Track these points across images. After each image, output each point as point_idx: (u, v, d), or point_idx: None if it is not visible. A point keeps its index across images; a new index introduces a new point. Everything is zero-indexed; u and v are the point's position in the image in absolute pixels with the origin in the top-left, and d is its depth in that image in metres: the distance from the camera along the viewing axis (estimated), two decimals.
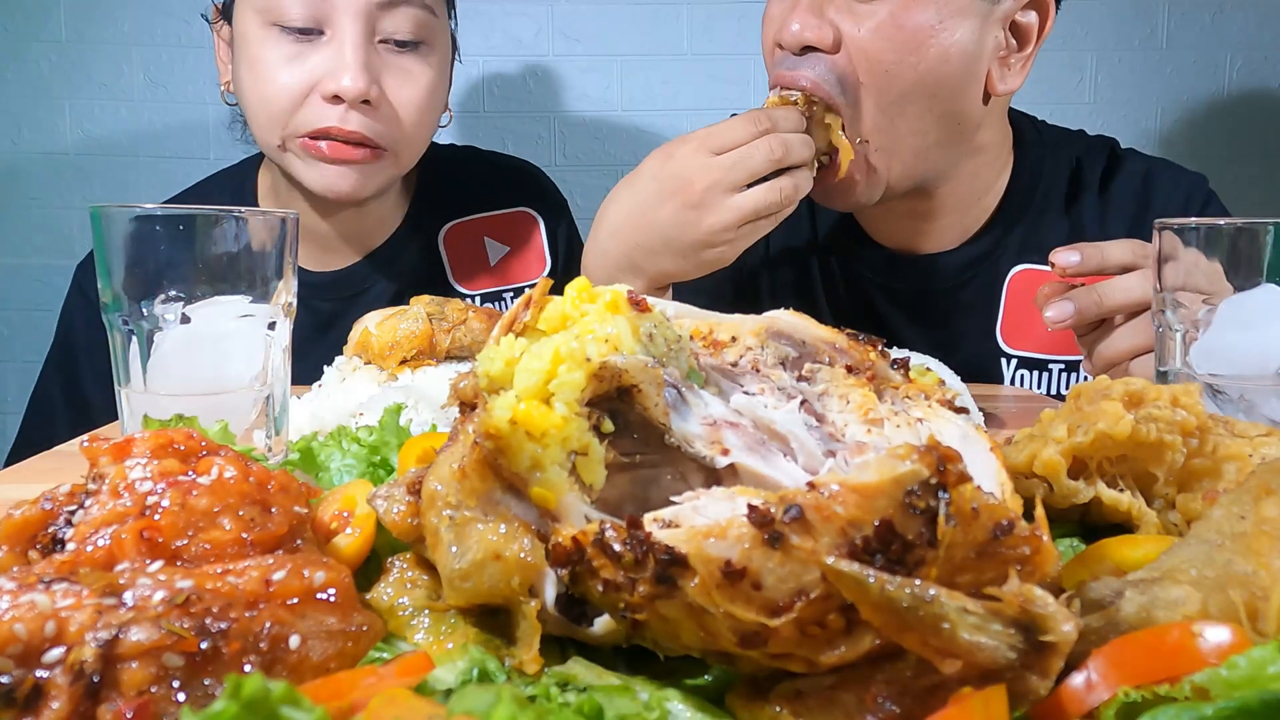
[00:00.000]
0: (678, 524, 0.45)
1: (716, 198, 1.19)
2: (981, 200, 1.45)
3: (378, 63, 1.36)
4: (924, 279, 1.49)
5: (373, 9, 1.34)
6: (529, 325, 0.56)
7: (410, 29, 1.37)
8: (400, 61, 1.38)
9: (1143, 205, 1.45)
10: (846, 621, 0.41)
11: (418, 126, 1.42)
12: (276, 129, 1.37)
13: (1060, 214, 1.46)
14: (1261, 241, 0.85)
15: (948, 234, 1.47)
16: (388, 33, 1.36)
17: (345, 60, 1.32)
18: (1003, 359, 1.48)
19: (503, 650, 0.48)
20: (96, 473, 0.53)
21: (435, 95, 1.43)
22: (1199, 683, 0.38)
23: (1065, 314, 1.09)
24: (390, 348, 1.04)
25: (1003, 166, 1.46)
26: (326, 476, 0.73)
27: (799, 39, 1.24)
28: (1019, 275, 1.46)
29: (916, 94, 1.25)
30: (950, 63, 1.24)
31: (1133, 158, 1.50)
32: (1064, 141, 1.52)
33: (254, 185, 1.60)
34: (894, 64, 1.23)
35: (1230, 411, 0.84)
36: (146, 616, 0.41)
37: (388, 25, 1.36)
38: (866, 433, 0.56)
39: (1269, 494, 0.47)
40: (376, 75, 1.35)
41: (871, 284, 1.53)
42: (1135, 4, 2.44)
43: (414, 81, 1.39)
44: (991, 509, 0.41)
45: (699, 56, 2.48)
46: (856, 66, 1.23)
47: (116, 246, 0.80)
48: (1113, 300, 1.08)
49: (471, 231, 1.65)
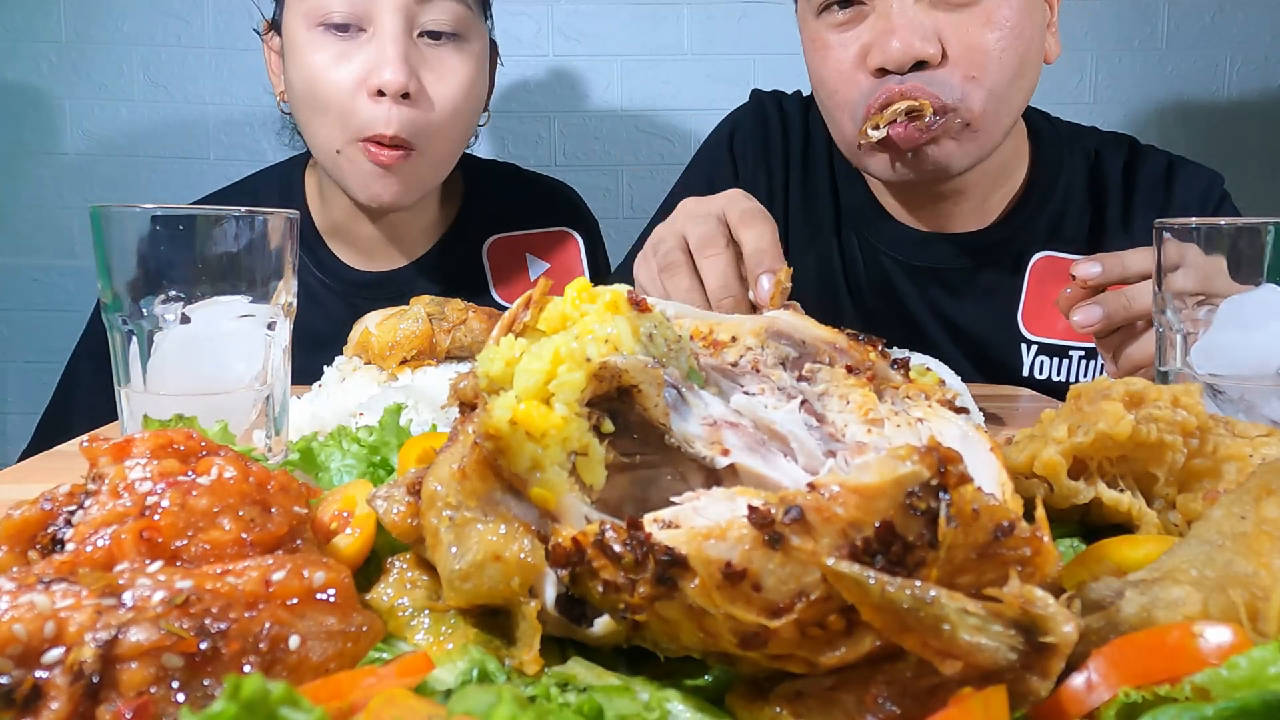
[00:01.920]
0: (678, 525, 0.45)
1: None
2: (1002, 186, 1.47)
3: (416, 56, 1.38)
4: (946, 258, 1.50)
5: (410, 3, 1.36)
6: (529, 325, 0.56)
7: (448, 21, 1.39)
8: (438, 54, 1.40)
9: (1166, 198, 1.47)
10: (847, 622, 0.41)
11: (453, 120, 1.43)
12: (336, 132, 1.39)
13: (1083, 204, 1.48)
14: (1262, 241, 0.85)
15: (970, 217, 1.48)
16: (426, 25, 1.38)
17: (386, 55, 1.34)
18: (1023, 345, 1.48)
19: (503, 651, 0.48)
20: (96, 473, 0.53)
21: (472, 90, 1.45)
22: (1199, 683, 0.38)
23: (1094, 318, 1.09)
24: (390, 348, 1.04)
25: (1021, 153, 1.48)
26: (326, 477, 0.73)
27: (911, 54, 1.23)
28: (1041, 261, 1.47)
29: (1018, 74, 1.29)
30: (1035, 41, 1.30)
31: (1153, 152, 1.52)
32: (1080, 135, 1.54)
33: (301, 185, 1.63)
34: (1003, 51, 1.26)
35: (1230, 412, 0.84)
36: (146, 617, 0.41)
37: (425, 18, 1.38)
38: (867, 433, 0.56)
39: (1269, 494, 0.47)
40: (416, 68, 1.37)
41: (893, 262, 1.53)
42: (1135, 4, 2.44)
43: (451, 74, 1.41)
44: (992, 510, 0.41)
45: (699, 56, 2.48)
46: (969, 63, 1.25)
47: (116, 246, 0.80)
48: (1143, 304, 1.08)
49: (515, 246, 1.69)
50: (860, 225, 1.55)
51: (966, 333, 1.49)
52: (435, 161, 1.46)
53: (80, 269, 2.53)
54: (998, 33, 1.25)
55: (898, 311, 1.53)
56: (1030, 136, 1.50)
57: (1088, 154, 1.51)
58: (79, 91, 2.47)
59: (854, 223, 1.55)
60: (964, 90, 1.25)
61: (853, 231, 1.56)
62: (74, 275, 2.53)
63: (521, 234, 1.69)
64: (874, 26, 1.27)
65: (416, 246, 1.62)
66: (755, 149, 1.61)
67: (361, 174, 1.40)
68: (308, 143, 1.47)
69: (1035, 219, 1.47)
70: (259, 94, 2.49)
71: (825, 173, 1.57)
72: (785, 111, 1.63)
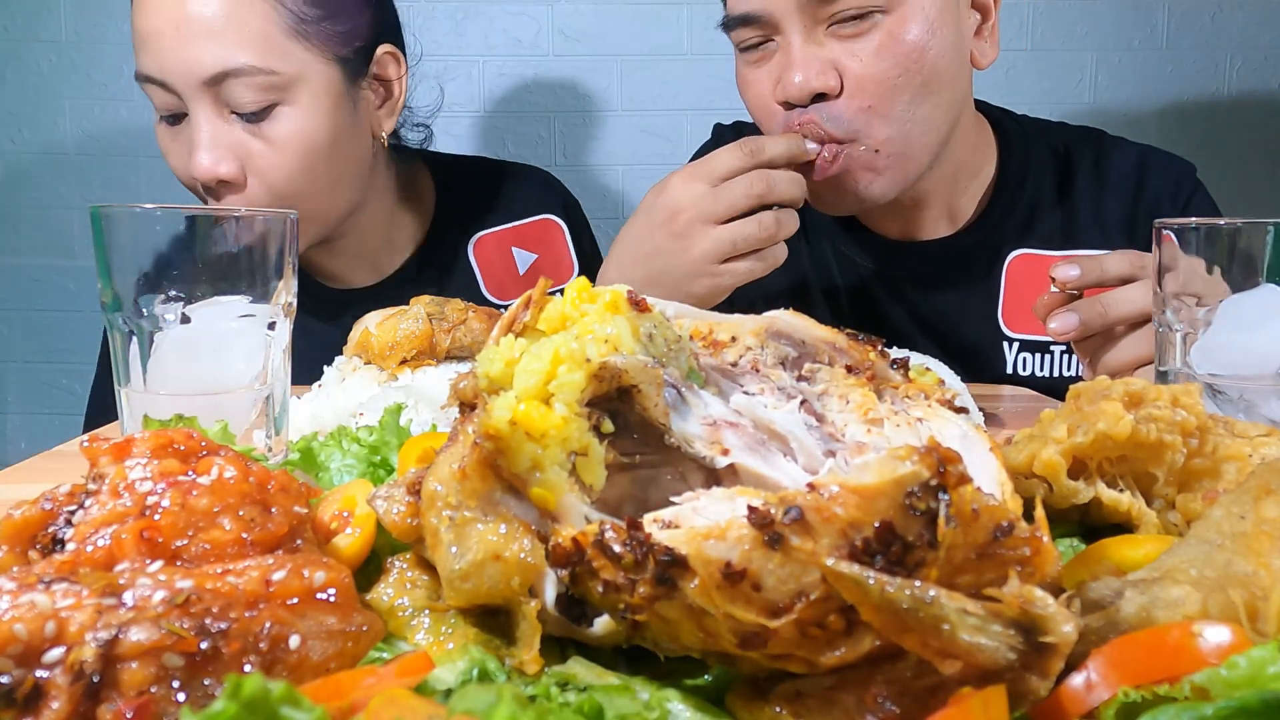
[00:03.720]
0: (677, 525, 0.45)
1: (698, 228, 1.21)
2: (967, 187, 1.47)
3: (234, 137, 1.32)
4: (921, 264, 1.50)
5: (204, 87, 1.29)
6: (529, 325, 0.56)
7: (249, 98, 1.31)
8: (257, 130, 1.33)
9: (1138, 189, 1.47)
10: (846, 622, 0.41)
11: (303, 182, 1.37)
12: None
13: (1053, 200, 1.48)
14: (1261, 241, 0.85)
15: (940, 222, 1.49)
16: (233, 107, 1.31)
17: (194, 142, 1.31)
18: (1005, 343, 1.49)
19: (503, 650, 0.48)
20: (96, 473, 0.53)
21: (310, 147, 1.36)
22: (1199, 683, 0.38)
23: (1070, 326, 1.10)
24: (390, 348, 1.04)
25: (983, 153, 1.48)
26: (326, 476, 0.73)
27: (807, 89, 1.25)
28: (1017, 260, 1.48)
29: (923, 96, 1.27)
30: (945, 57, 1.28)
31: (1123, 144, 1.52)
32: (1046, 131, 1.55)
33: None
34: (899, 77, 1.25)
35: (1230, 412, 0.84)
36: (146, 616, 0.41)
37: (229, 99, 1.31)
38: (866, 432, 0.56)
39: (1269, 494, 0.47)
40: (235, 150, 1.32)
41: (869, 271, 1.54)
42: (1135, 4, 2.44)
43: (278, 146, 1.34)
44: (991, 510, 0.41)
45: (699, 56, 2.48)
46: (864, 93, 1.25)
47: (116, 246, 0.80)
48: (1118, 311, 1.09)
49: (500, 243, 1.66)
50: (834, 236, 1.56)
51: (947, 335, 1.50)
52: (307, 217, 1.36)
53: (80, 269, 2.53)
54: (890, 60, 1.24)
55: (877, 318, 1.54)
56: (997, 136, 1.50)
57: (1055, 149, 1.51)
58: (79, 91, 2.47)
59: (827, 233, 1.56)
60: (863, 120, 1.26)
61: (827, 242, 1.57)
62: (74, 275, 2.53)
63: (504, 229, 1.65)
64: (780, 61, 1.28)
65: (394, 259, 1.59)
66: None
67: None
68: None
69: (1007, 218, 1.47)
70: None
71: None
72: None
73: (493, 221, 1.65)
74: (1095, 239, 1.46)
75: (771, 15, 1.26)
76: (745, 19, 1.29)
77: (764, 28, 1.28)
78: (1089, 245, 1.45)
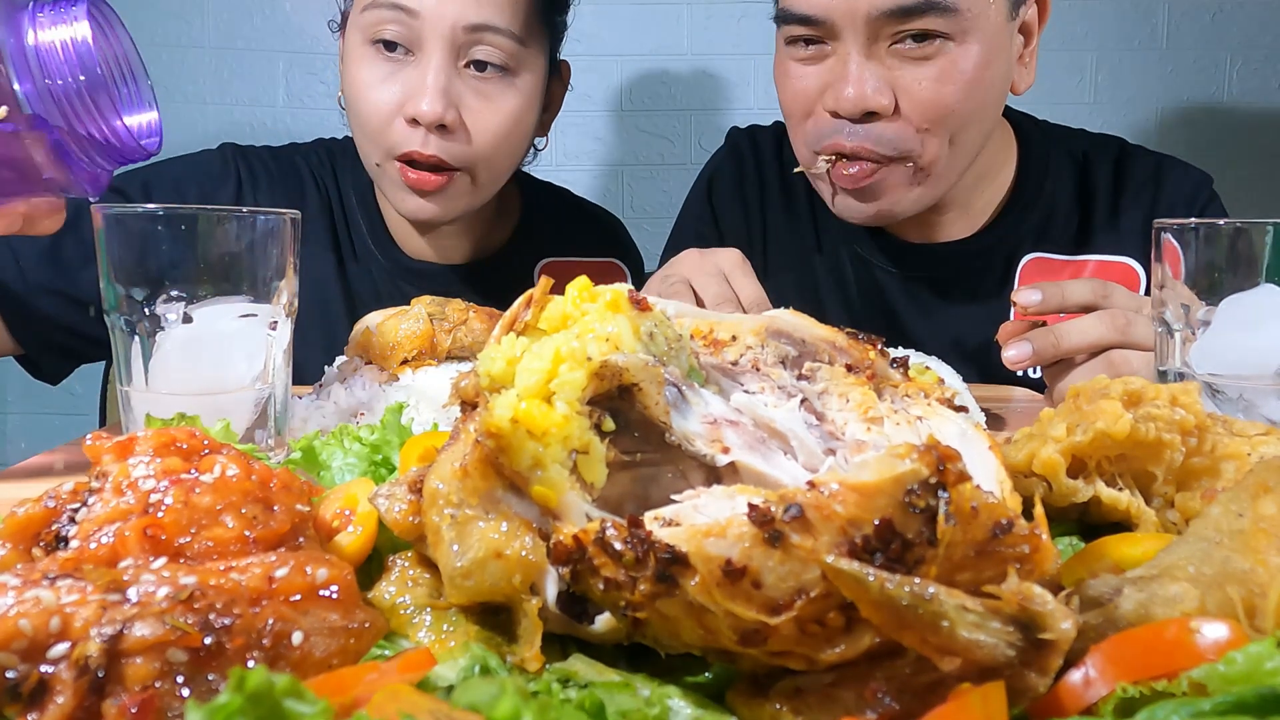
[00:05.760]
0: (678, 522, 0.45)
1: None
2: (985, 191, 1.48)
3: (459, 88, 1.37)
4: (938, 266, 1.51)
5: (459, 34, 1.34)
6: (530, 324, 0.57)
7: (497, 55, 1.37)
8: (483, 87, 1.39)
9: (1155, 198, 1.47)
10: (846, 619, 0.41)
11: (496, 151, 1.42)
12: (373, 148, 1.39)
13: (1072, 205, 1.49)
14: (1260, 242, 0.85)
15: (957, 224, 1.49)
16: (474, 56, 1.37)
17: (425, 84, 1.34)
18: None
19: (504, 648, 0.48)
20: (99, 471, 0.53)
21: (518, 122, 1.43)
22: (1196, 678, 0.39)
23: (1023, 355, 1.10)
24: (391, 348, 1.04)
25: (1004, 157, 1.49)
26: (328, 475, 0.73)
27: (862, 105, 1.24)
28: (1031, 263, 1.48)
29: (974, 122, 1.29)
30: (998, 86, 1.30)
31: (1141, 152, 1.53)
32: (1068, 137, 1.55)
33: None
34: (959, 104, 1.26)
35: (1229, 411, 0.84)
36: (151, 612, 0.42)
37: (474, 52, 1.36)
38: (866, 431, 0.56)
39: (1267, 492, 0.47)
40: (456, 100, 1.36)
41: (886, 274, 1.54)
42: (1135, 4, 2.44)
43: (494, 108, 1.39)
44: (991, 508, 0.41)
45: (699, 56, 2.48)
46: (920, 116, 1.25)
47: (117, 246, 0.81)
48: (1069, 343, 1.08)
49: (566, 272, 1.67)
50: (853, 240, 1.56)
51: (960, 337, 1.50)
52: (476, 185, 1.45)
53: None
54: (953, 86, 1.24)
55: (891, 321, 1.54)
56: (1018, 140, 1.51)
57: (1075, 156, 1.52)
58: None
59: (846, 238, 1.57)
60: (915, 142, 1.26)
61: (844, 247, 1.57)
62: None
63: (574, 260, 1.69)
64: (832, 69, 1.28)
65: (467, 253, 1.63)
66: (731, 192, 1.65)
67: (398, 190, 1.40)
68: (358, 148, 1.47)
69: (1022, 222, 1.48)
70: (259, 94, 2.50)
71: (804, 192, 1.59)
72: (758, 144, 1.66)
73: (564, 251, 1.69)
74: (1109, 245, 1.46)
75: (835, 22, 1.25)
76: (805, 19, 1.28)
77: (822, 31, 1.27)
78: (1103, 251, 1.45)
